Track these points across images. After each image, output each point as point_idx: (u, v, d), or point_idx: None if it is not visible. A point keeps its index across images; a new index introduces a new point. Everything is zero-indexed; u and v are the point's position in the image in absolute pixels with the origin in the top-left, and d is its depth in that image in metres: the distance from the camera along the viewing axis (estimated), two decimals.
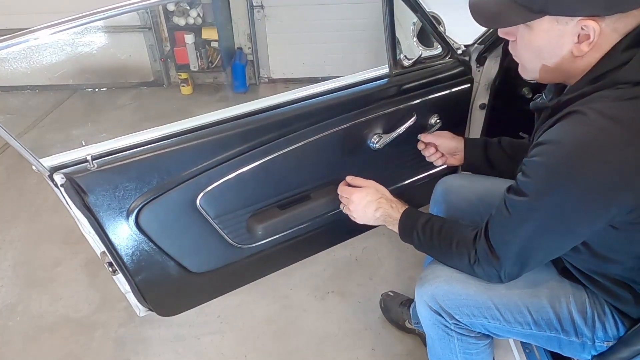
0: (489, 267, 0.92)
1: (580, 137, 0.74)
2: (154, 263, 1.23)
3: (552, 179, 0.77)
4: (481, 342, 1.10)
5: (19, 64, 3.81)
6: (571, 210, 0.78)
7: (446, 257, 1.03)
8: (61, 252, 2.15)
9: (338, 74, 1.33)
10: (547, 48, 0.80)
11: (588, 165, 0.73)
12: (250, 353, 1.68)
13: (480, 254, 0.93)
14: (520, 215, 0.84)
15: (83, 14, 0.86)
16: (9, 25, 3.62)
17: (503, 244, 0.89)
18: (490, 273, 0.93)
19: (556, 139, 0.77)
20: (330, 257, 2.03)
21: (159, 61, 3.78)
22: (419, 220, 1.07)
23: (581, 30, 0.75)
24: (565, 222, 0.80)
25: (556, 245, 0.87)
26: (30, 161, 0.96)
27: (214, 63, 3.60)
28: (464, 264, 0.97)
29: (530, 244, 0.86)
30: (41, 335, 1.78)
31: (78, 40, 3.71)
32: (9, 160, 2.96)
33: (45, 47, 3.73)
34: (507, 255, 0.89)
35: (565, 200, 0.77)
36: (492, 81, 1.51)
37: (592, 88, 0.77)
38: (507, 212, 0.85)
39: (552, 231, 0.82)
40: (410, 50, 1.99)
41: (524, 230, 0.84)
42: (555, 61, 0.82)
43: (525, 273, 0.93)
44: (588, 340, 0.97)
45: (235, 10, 3.58)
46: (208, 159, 1.13)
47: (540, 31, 0.78)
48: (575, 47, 0.77)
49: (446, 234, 1.01)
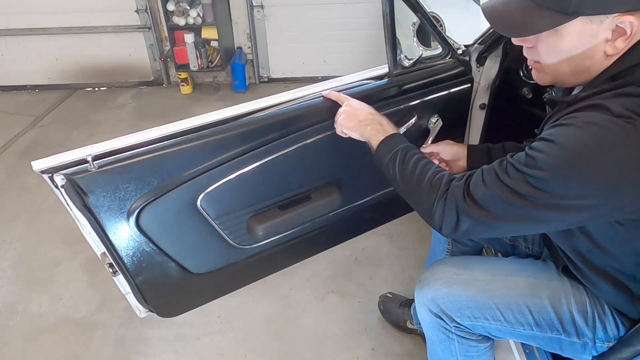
0: (451, 208, 0.85)
1: (604, 130, 0.70)
2: (155, 264, 1.23)
3: (572, 163, 0.71)
4: (482, 344, 1.10)
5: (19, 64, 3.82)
6: (577, 197, 0.74)
7: (414, 186, 0.93)
8: (61, 252, 2.16)
9: (338, 74, 1.33)
10: (577, 50, 0.76)
11: (606, 157, 0.70)
12: (250, 353, 1.68)
13: (452, 191, 0.86)
14: (520, 184, 0.77)
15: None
16: (9, 25, 3.64)
17: (483, 196, 0.82)
18: (450, 215, 0.85)
19: (579, 124, 0.72)
20: (330, 257, 2.03)
21: (159, 61, 3.78)
22: (405, 143, 1.01)
23: (615, 27, 0.71)
24: (562, 207, 0.75)
25: (533, 224, 0.82)
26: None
27: (214, 62, 3.60)
28: (428, 199, 0.89)
29: (511, 213, 0.79)
30: (41, 335, 1.78)
31: (78, 40, 3.72)
32: (9, 160, 2.96)
33: (46, 47, 3.74)
34: (479, 206, 0.82)
35: (578, 188, 0.73)
36: (492, 81, 1.51)
37: (612, 85, 0.74)
38: (506, 176, 0.79)
39: (545, 209, 0.77)
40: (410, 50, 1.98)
41: (516, 196, 0.77)
42: (587, 63, 0.77)
43: (474, 236, 0.90)
44: (589, 340, 0.97)
45: (235, 10, 3.58)
46: (208, 159, 1.13)
47: (571, 34, 0.74)
48: (609, 45, 0.73)
49: (427, 165, 0.94)
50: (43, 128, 3.35)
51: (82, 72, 3.88)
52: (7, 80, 3.89)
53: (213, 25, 3.38)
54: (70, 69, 3.87)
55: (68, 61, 3.84)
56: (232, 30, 3.68)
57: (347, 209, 1.45)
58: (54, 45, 3.75)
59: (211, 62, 3.60)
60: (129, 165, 1.03)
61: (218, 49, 3.54)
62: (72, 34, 3.68)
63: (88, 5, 3.54)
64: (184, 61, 3.55)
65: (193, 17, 3.35)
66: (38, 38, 3.70)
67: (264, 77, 3.89)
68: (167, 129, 1.09)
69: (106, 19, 3.61)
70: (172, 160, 1.09)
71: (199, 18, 3.36)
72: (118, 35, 3.70)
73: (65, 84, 3.90)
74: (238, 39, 3.73)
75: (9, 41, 3.73)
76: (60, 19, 3.60)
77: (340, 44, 3.67)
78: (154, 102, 3.70)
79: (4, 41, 3.73)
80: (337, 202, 1.40)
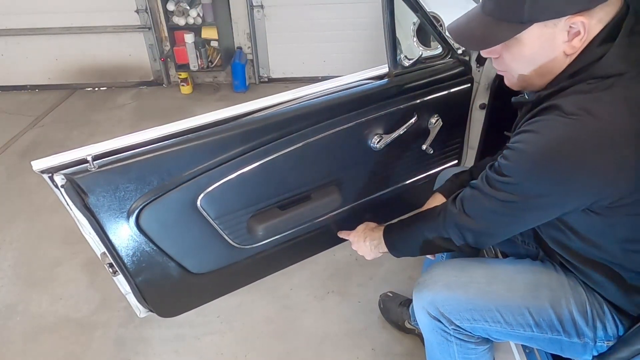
0: (453, 227, 0.97)
1: (557, 130, 0.77)
2: (155, 264, 1.23)
3: (531, 165, 0.80)
4: (480, 347, 1.10)
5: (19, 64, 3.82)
6: (544, 196, 0.82)
7: (424, 230, 1.05)
8: (61, 252, 2.15)
9: (338, 74, 1.33)
10: (539, 54, 0.81)
11: (563, 158, 0.76)
12: (250, 353, 1.68)
13: (448, 213, 0.98)
14: (496, 191, 0.87)
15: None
16: (9, 25, 3.64)
17: (471, 209, 0.94)
18: (455, 233, 0.98)
19: (535, 129, 0.80)
20: (330, 257, 2.03)
21: (159, 61, 3.78)
22: (394, 223, 1.16)
23: (570, 29, 0.76)
24: (536, 206, 0.85)
25: (521, 224, 0.92)
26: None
27: (214, 62, 3.60)
28: (441, 235, 1.01)
29: (498, 219, 0.91)
30: (41, 335, 1.78)
31: (78, 40, 3.72)
32: (9, 160, 2.96)
33: (46, 47, 3.74)
34: (472, 219, 0.94)
35: (542, 187, 0.81)
36: (492, 81, 1.51)
37: (570, 82, 0.80)
38: (486, 185, 0.89)
39: (521, 209, 0.87)
40: (410, 50, 1.99)
41: (496, 202, 0.88)
42: (549, 64, 0.82)
43: (486, 246, 1.00)
44: (590, 340, 0.97)
45: (235, 10, 3.58)
46: (208, 159, 1.13)
47: (531, 40, 0.79)
48: (567, 45, 0.78)
49: (418, 216, 1.11)
50: (43, 128, 3.35)
51: (82, 72, 3.88)
52: (7, 80, 3.89)
53: (213, 25, 3.38)
54: (70, 69, 3.87)
55: (68, 61, 3.84)
56: (232, 30, 3.68)
57: (347, 209, 1.45)
58: (54, 45, 3.75)
59: (211, 62, 3.60)
60: (129, 165, 1.03)
61: (218, 49, 3.54)
62: (72, 34, 3.68)
63: (88, 5, 3.54)
64: (184, 61, 3.55)
65: (193, 17, 3.35)
66: (38, 38, 3.70)
67: (264, 77, 3.89)
68: (167, 129, 1.09)
69: (106, 19, 3.61)
70: (172, 160, 1.09)
71: (199, 18, 3.36)
72: (118, 35, 3.70)
73: (65, 84, 3.90)
74: (238, 39, 3.73)
75: (9, 41, 3.73)
76: (60, 19, 3.60)
77: (340, 44, 3.67)
78: (153, 102, 3.70)
79: (4, 41, 3.73)
80: (337, 202, 1.40)
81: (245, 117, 1.16)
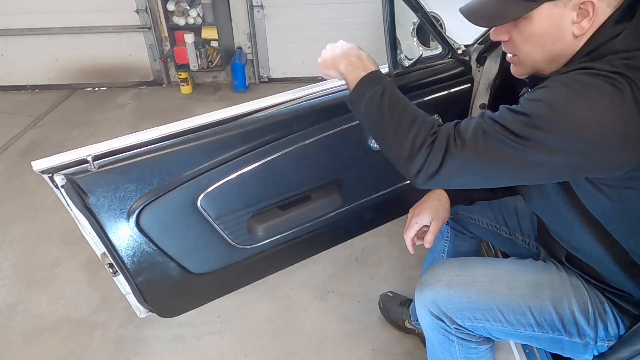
0: (438, 150, 0.82)
1: (589, 81, 0.73)
2: (155, 264, 1.23)
3: (560, 103, 0.74)
4: (482, 346, 1.10)
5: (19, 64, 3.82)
6: (567, 138, 0.75)
7: (397, 127, 0.88)
8: (61, 252, 2.16)
9: None
10: (549, 34, 0.81)
11: (593, 104, 0.72)
12: (250, 353, 1.68)
13: (442, 132, 0.83)
14: (514, 123, 0.77)
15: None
16: (9, 25, 3.64)
17: (473, 135, 0.80)
18: (434, 157, 0.82)
19: (564, 81, 0.76)
20: (330, 257, 2.03)
21: (159, 61, 3.78)
22: (387, 82, 0.95)
23: (579, 10, 0.77)
24: (553, 148, 0.76)
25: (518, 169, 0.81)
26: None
27: (214, 62, 3.60)
28: (413, 141, 0.84)
29: (500, 152, 0.78)
30: (41, 335, 1.78)
31: (78, 40, 3.72)
32: (9, 160, 2.96)
33: (46, 47, 3.74)
34: (468, 145, 0.80)
35: (568, 126, 0.74)
36: (492, 81, 1.51)
37: (588, 59, 0.79)
38: (500, 117, 0.79)
39: (533, 149, 0.76)
40: (410, 50, 1.98)
41: (508, 134, 0.77)
42: (558, 47, 0.82)
43: (449, 184, 0.89)
44: (591, 340, 0.98)
45: (235, 10, 3.58)
46: (208, 159, 1.13)
47: (541, 19, 0.80)
48: (576, 26, 0.79)
49: (413, 107, 0.90)
50: (43, 128, 3.35)
51: (82, 72, 3.88)
52: (7, 80, 3.89)
53: (213, 25, 3.38)
54: (70, 69, 3.87)
55: (68, 61, 3.84)
56: (232, 30, 3.68)
57: (347, 209, 1.45)
58: (54, 45, 3.75)
59: (211, 62, 3.60)
60: (129, 165, 1.03)
61: (218, 49, 3.54)
62: (72, 34, 3.68)
63: (88, 5, 3.54)
64: (184, 61, 3.55)
65: (193, 17, 3.35)
66: (38, 38, 3.71)
67: (264, 77, 3.89)
68: (167, 129, 1.09)
69: (106, 19, 3.61)
70: (172, 160, 1.09)
71: (199, 18, 3.36)
72: (118, 35, 3.70)
73: (65, 84, 3.90)
74: (238, 39, 3.73)
75: (9, 41, 3.73)
76: (60, 19, 3.60)
77: None
78: (153, 102, 3.70)
79: (4, 41, 3.73)
80: (337, 202, 1.40)
81: (245, 117, 1.16)
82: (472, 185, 0.90)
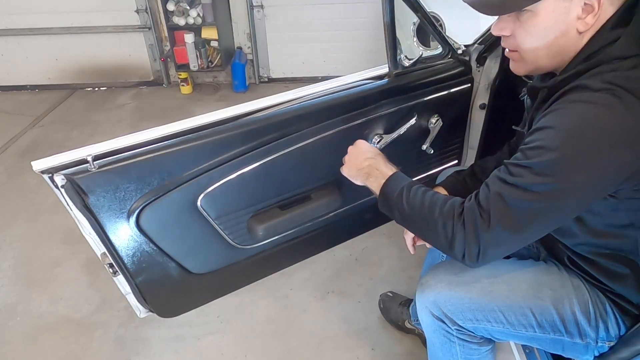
0: (470, 231, 0.81)
1: (590, 104, 0.75)
2: (155, 264, 1.23)
3: (570, 139, 0.76)
4: (483, 347, 1.10)
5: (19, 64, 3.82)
6: (588, 186, 0.77)
7: (427, 219, 0.89)
8: (61, 252, 2.15)
9: (338, 74, 1.33)
10: (553, 29, 0.81)
11: (601, 130, 0.74)
12: (250, 353, 1.68)
13: (467, 211, 0.83)
14: (527, 178, 0.77)
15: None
16: (9, 25, 3.64)
17: (495, 206, 0.80)
18: (470, 240, 0.82)
19: (565, 107, 0.78)
20: (330, 257, 2.03)
21: (159, 61, 3.78)
22: (408, 181, 0.98)
23: (584, 5, 0.77)
24: (579, 199, 0.79)
25: (554, 217, 0.82)
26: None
27: (214, 62, 3.60)
28: (444, 228, 0.85)
29: (528, 214, 0.79)
30: (41, 335, 1.78)
31: (78, 40, 3.72)
32: (9, 160, 2.96)
33: (46, 47, 3.74)
34: (496, 219, 0.79)
35: (585, 162, 0.75)
36: (492, 81, 1.51)
37: (586, 66, 0.80)
38: (510, 175, 0.79)
39: (560, 197, 0.77)
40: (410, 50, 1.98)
41: (527, 194, 0.77)
42: (561, 42, 0.83)
43: (502, 256, 0.87)
44: (592, 341, 0.97)
45: (235, 10, 3.58)
46: (208, 159, 1.13)
47: (546, 12, 0.80)
48: (580, 22, 0.79)
49: (435, 195, 0.91)
50: (43, 128, 3.35)
51: (82, 72, 3.88)
52: (7, 80, 3.89)
53: (213, 25, 3.38)
54: (70, 69, 3.87)
55: (68, 61, 3.84)
56: (232, 30, 3.68)
57: (347, 209, 1.45)
58: (54, 45, 3.75)
59: (211, 62, 3.60)
60: (129, 165, 1.03)
61: (218, 49, 3.54)
62: (72, 34, 3.68)
63: (88, 5, 3.54)
64: (184, 61, 3.55)
65: (193, 17, 3.35)
66: (38, 38, 3.71)
67: (264, 77, 3.89)
68: (167, 129, 1.09)
69: (106, 19, 3.61)
70: (172, 160, 1.09)
71: (199, 18, 3.36)
72: (118, 35, 3.70)
73: (65, 84, 3.90)
74: (238, 39, 3.73)
75: (9, 41, 3.73)
76: (60, 19, 3.60)
77: (340, 44, 3.66)
78: (153, 102, 3.70)
79: (4, 41, 3.73)
80: (337, 202, 1.40)
81: (245, 117, 1.16)
82: (526, 244, 0.88)
